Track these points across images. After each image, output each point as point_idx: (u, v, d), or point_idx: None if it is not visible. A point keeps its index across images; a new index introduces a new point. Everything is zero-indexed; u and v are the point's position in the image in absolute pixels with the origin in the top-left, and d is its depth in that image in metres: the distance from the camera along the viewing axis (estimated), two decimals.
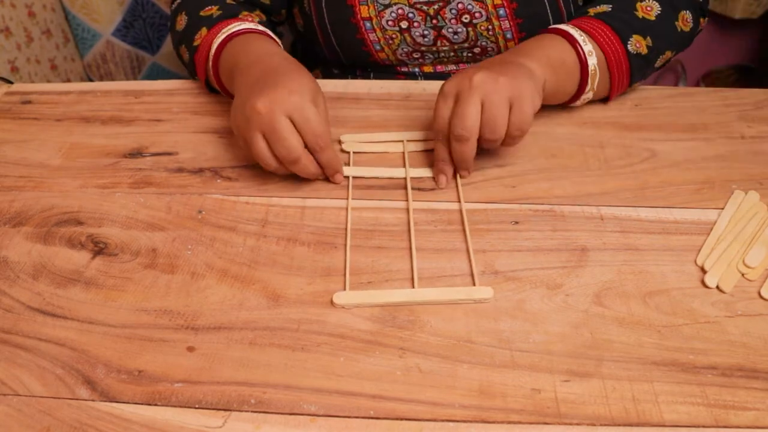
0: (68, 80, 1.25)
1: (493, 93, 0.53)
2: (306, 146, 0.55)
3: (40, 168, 0.62)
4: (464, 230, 0.54)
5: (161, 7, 1.26)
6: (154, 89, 0.73)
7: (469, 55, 0.75)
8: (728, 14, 1.42)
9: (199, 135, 0.66)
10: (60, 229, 0.55)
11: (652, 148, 0.62)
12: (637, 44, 0.63)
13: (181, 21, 0.71)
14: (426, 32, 0.73)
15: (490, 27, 0.72)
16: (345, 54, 0.77)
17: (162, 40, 1.31)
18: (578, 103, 0.66)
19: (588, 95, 0.64)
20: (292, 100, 0.53)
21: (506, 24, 0.71)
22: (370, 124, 0.66)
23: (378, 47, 0.74)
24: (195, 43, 0.68)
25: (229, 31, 0.65)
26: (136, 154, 0.64)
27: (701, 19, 0.71)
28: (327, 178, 0.59)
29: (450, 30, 0.72)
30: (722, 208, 0.55)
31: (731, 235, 0.52)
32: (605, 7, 0.65)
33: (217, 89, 0.68)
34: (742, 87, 0.72)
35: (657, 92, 0.71)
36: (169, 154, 0.64)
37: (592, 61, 0.62)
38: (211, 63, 0.65)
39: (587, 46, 0.62)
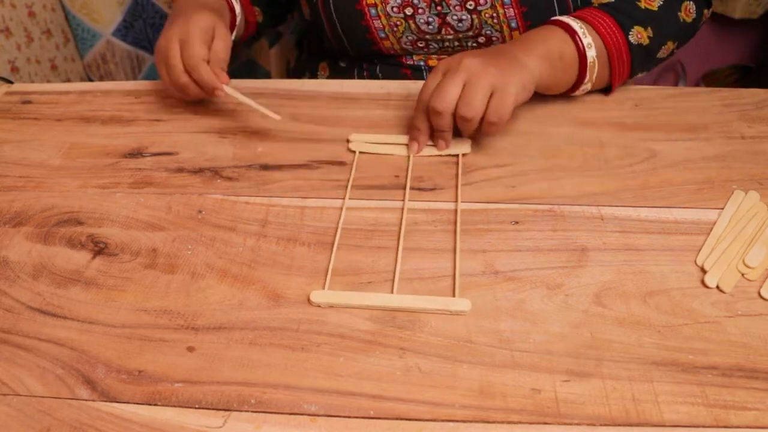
0: (68, 80, 1.25)
1: (477, 77, 0.56)
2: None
3: (40, 168, 0.62)
4: (455, 231, 0.54)
5: (161, 7, 1.26)
6: (154, 89, 0.73)
7: (474, 44, 0.75)
8: (728, 14, 1.42)
9: (199, 135, 0.66)
10: (60, 229, 0.55)
11: (652, 148, 0.62)
12: (638, 35, 0.65)
13: None
14: (430, 19, 0.73)
15: (494, 15, 0.72)
16: (350, 42, 0.77)
17: None
18: (577, 93, 0.67)
19: (586, 86, 0.66)
20: (178, 31, 0.63)
21: (511, 12, 0.71)
22: (371, 124, 0.66)
23: (383, 35, 0.75)
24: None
25: None
26: (136, 154, 0.64)
27: (705, 11, 0.72)
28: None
29: (455, 17, 0.72)
30: (722, 208, 0.55)
31: (731, 235, 0.52)
32: None
33: None
34: (742, 87, 0.71)
35: (657, 92, 0.71)
36: (169, 154, 0.64)
37: (591, 54, 0.63)
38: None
39: (587, 39, 0.63)
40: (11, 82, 0.76)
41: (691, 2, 0.69)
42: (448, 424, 0.41)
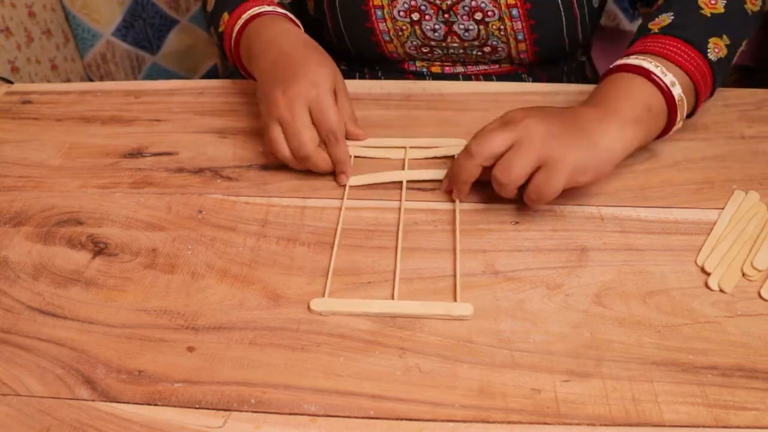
0: (68, 80, 1.25)
1: (529, 140, 0.49)
2: (321, 139, 0.56)
3: (40, 168, 0.62)
4: (454, 230, 0.53)
5: (161, 7, 1.26)
6: (154, 89, 0.73)
7: (479, 53, 0.75)
8: None
9: (199, 135, 0.66)
10: (60, 229, 0.55)
11: (652, 148, 0.62)
12: (716, 48, 0.56)
13: (211, 1, 0.74)
14: (437, 26, 0.72)
15: (502, 27, 0.71)
16: (353, 44, 0.77)
17: (162, 40, 1.31)
18: (670, 134, 0.58)
19: (679, 125, 0.57)
20: (311, 93, 0.55)
21: (518, 25, 0.71)
22: (371, 124, 0.66)
23: (387, 38, 0.74)
24: (220, 29, 0.70)
25: (247, 16, 0.66)
26: (136, 154, 0.64)
27: None
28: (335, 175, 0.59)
29: (461, 26, 0.72)
30: (722, 208, 0.55)
31: (732, 236, 0.52)
32: (667, 18, 0.58)
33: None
34: (742, 87, 0.71)
35: None
36: (169, 154, 0.64)
37: (677, 92, 0.54)
38: (233, 51, 0.67)
39: (668, 77, 0.54)
40: (11, 82, 0.76)
41: None
42: (448, 424, 0.41)
